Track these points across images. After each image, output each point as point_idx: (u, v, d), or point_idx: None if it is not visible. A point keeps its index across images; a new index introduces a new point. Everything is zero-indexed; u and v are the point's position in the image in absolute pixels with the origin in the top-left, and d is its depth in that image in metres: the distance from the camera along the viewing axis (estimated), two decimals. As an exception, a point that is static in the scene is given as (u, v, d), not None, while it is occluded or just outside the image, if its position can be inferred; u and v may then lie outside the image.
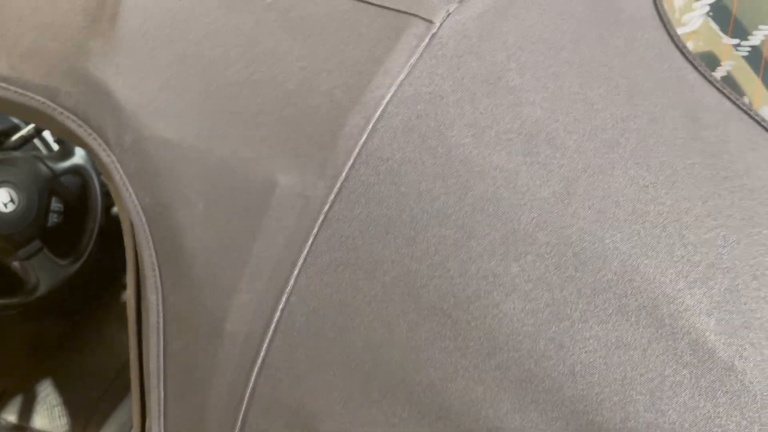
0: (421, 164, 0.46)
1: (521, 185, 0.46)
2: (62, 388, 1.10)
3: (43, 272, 1.13)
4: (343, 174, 0.45)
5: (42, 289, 1.12)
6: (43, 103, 0.50)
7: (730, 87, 0.54)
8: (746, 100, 0.56)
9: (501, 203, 0.46)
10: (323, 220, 0.45)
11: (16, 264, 1.11)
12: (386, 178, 0.46)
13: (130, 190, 0.48)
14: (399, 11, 0.48)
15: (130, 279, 0.51)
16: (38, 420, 1.04)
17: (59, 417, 1.06)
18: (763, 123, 0.53)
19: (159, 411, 0.53)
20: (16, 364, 1.21)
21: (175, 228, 0.48)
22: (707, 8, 0.61)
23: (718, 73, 0.59)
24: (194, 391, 0.51)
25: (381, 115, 0.46)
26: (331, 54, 0.47)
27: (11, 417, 1.03)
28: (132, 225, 0.49)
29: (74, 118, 0.49)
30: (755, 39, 0.61)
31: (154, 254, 0.49)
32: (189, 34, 0.48)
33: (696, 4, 0.61)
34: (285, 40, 0.48)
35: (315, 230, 0.46)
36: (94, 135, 0.49)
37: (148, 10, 0.49)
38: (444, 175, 0.46)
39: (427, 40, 0.48)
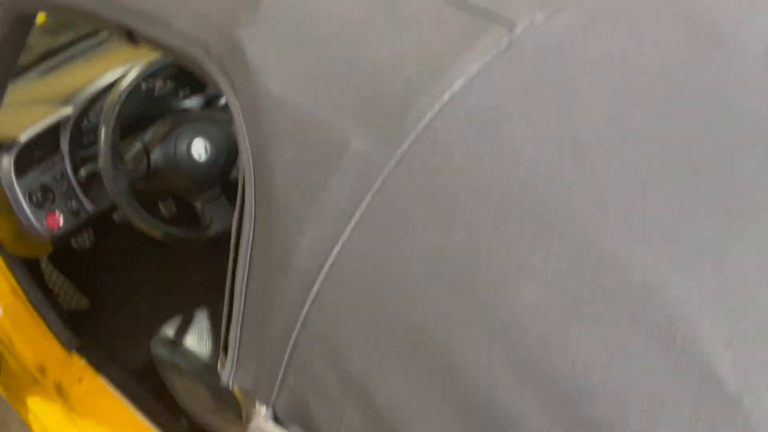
0: (474, 147, 0.51)
1: (563, 183, 0.49)
2: (216, 318, 1.28)
3: (217, 215, 1.32)
4: (404, 146, 0.52)
5: (213, 230, 1.31)
6: (199, 54, 0.63)
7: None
8: None
9: (539, 193, 0.49)
10: (380, 185, 0.52)
11: (197, 204, 1.31)
12: (441, 155, 0.51)
13: (245, 130, 0.59)
14: (486, 12, 0.54)
15: (237, 208, 0.62)
16: (189, 339, 1.22)
17: (206, 340, 1.23)
18: None
19: (238, 323, 0.63)
20: (188, 295, 1.42)
21: (270, 168, 0.57)
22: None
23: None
24: (262, 315, 0.61)
25: (447, 102, 0.52)
26: (418, 45, 0.54)
27: (169, 331, 1.22)
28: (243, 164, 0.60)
29: (217, 69, 0.61)
30: None
31: (253, 189, 0.59)
32: (308, 16, 0.58)
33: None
34: (386, 30, 0.56)
35: (372, 191, 0.53)
36: (229, 83, 0.61)
37: None
38: (492, 160, 0.50)
39: (505, 43, 0.53)
